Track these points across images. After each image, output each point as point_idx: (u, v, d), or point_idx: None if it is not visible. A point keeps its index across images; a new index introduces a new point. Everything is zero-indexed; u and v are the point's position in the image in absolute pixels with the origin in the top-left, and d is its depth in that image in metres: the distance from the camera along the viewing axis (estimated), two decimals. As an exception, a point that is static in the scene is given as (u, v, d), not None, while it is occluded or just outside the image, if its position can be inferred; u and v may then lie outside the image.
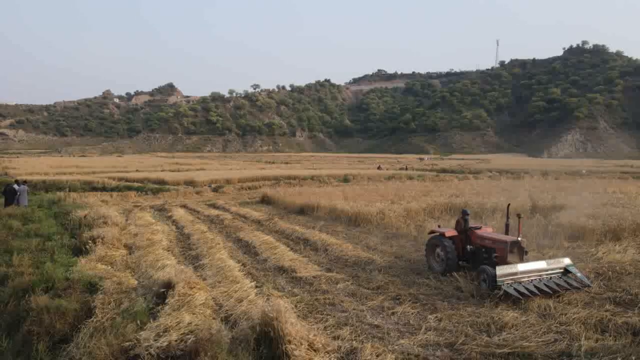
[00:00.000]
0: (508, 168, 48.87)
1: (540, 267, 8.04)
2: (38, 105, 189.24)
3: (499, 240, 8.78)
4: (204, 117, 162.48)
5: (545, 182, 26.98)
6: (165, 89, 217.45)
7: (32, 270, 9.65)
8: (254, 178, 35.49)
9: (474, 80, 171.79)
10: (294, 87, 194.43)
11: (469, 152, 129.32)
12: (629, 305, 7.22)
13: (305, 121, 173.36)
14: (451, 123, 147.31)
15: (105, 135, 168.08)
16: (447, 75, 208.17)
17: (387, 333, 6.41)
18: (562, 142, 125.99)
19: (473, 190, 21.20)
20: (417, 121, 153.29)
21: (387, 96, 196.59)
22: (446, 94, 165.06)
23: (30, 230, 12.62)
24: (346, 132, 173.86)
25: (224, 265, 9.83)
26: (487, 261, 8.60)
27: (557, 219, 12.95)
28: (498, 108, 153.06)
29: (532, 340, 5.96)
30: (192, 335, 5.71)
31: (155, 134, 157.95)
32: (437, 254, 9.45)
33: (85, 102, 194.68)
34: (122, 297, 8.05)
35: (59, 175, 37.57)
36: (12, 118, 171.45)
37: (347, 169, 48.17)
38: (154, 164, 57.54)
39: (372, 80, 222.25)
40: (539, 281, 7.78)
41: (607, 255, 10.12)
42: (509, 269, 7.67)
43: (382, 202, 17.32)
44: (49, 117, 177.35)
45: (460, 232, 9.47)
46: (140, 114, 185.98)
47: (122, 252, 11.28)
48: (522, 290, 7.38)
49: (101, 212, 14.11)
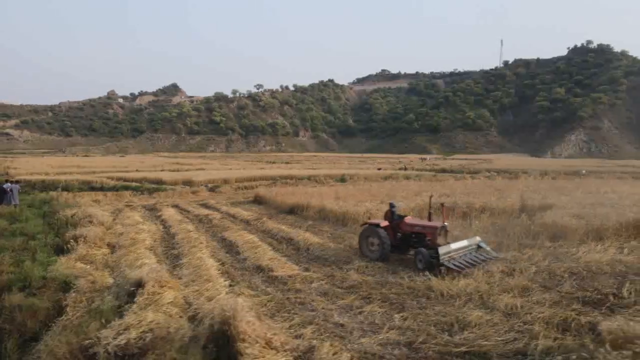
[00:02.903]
0: (508, 168, 48.73)
1: (464, 244, 9.77)
2: (43, 106, 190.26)
3: (430, 226, 10.20)
4: (208, 117, 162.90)
5: (540, 182, 26.87)
6: (169, 89, 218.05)
7: (12, 269, 9.76)
8: (252, 178, 35.54)
9: (478, 80, 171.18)
10: (298, 87, 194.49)
11: (472, 152, 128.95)
12: (597, 305, 7.19)
13: (309, 121, 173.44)
14: (454, 123, 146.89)
15: (109, 135, 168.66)
16: (450, 75, 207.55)
17: (350, 332, 6.43)
18: (566, 142, 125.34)
19: (466, 190, 21.15)
20: (420, 121, 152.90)
21: (391, 96, 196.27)
22: (449, 94, 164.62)
23: (16, 230, 12.71)
24: (349, 132, 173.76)
25: (202, 264, 9.88)
26: (417, 245, 10.02)
27: (541, 219, 12.91)
28: (501, 108, 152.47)
29: (492, 340, 5.96)
30: (150, 333, 5.77)
31: (159, 134, 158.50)
32: (370, 243, 10.51)
33: (90, 103, 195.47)
34: (94, 296, 8.11)
35: (59, 175, 37.75)
36: (17, 118, 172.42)
37: (346, 169, 48.15)
38: (155, 164, 57.72)
39: (376, 80, 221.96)
40: (465, 255, 9.50)
41: (587, 254, 10.05)
42: (447, 249, 9.24)
43: (372, 202, 17.33)
44: (53, 118, 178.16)
45: (390, 222, 10.65)
46: (144, 114, 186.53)
47: (104, 251, 11.37)
48: (458, 264, 9.05)
49: (88, 211, 14.20)
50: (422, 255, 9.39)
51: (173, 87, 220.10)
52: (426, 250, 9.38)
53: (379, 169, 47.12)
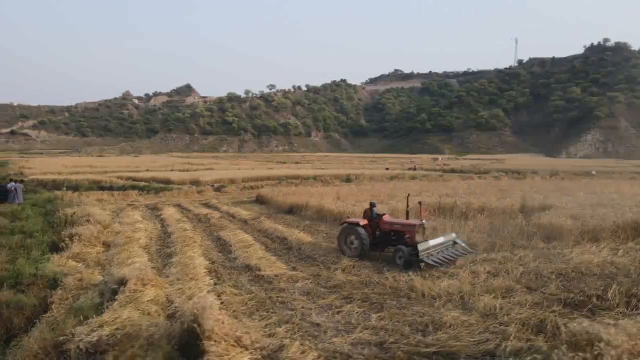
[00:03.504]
0: (519, 168, 48.13)
1: (441, 241, 10.11)
2: (60, 107, 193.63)
3: (409, 224, 10.50)
4: (220, 118, 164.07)
5: (546, 183, 26.51)
6: (182, 89, 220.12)
7: (6, 266, 9.97)
8: (258, 178, 35.70)
9: (491, 80, 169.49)
10: (310, 87, 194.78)
11: (486, 152, 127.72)
12: (578, 307, 7.09)
13: (321, 121, 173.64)
14: (467, 123, 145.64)
15: (124, 135, 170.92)
16: (464, 75, 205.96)
17: (325, 331, 6.43)
18: (582, 142, 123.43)
19: (468, 190, 20.97)
20: (433, 121, 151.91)
21: (403, 96, 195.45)
22: (463, 93, 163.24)
23: (15, 228, 12.97)
24: (362, 132, 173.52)
25: (191, 263, 9.97)
26: (396, 243, 10.30)
27: (537, 219, 12.74)
28: (516, 107, 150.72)
29: (464, 340, 5.91)
30: (122, 330, 5.85)
31: (173, 134, 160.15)
32: (350, 241, 10.71)
33: (106, 103, 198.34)
34: (80, 294, 8.24)
35: (71, 174, 38.38)
36: (35, 119, 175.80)
37: (355, 169, 48.04)
38: (166, 164, 58.30)
39: (389, 80, 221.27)
40: (442, 251, 9.83)
41: (579, 256, 9.91)
42: (426, 245, 9.53)
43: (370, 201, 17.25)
44: (70, 118, 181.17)
45: (369, 221, 10.87)
46: (158, 114, 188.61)
47: (98, 249, 11.54)
48: (436, 260, 9.40)
49: (87, 210, 14.42)
50: (402, 252, 9.71)
51: (186, 88, 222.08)
52: (406, 248, 9.72)
53: (387, 169, 46.97)
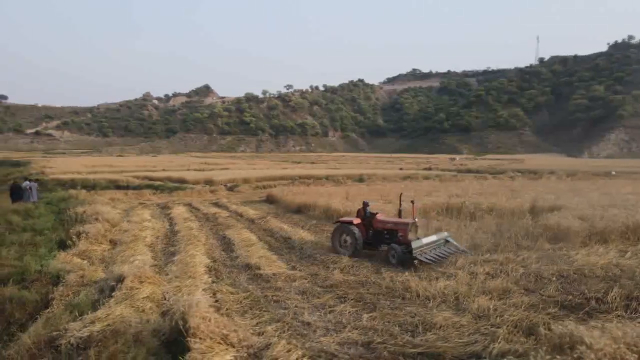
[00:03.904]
0: (537, 168, 47.29)
1: (434, 239, 10.26)
2: (82, 107, 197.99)
3: (401, 222, 10.62)
4: (238, 118, 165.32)
5: (562, 183, 25.99)
6: (201, 90, 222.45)
7: (15, 263, 10.24)
8: (272, 177, 35.89)
9: (511, 78, 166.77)
10: (327, 87, 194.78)
11: (505, 152, 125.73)
12: (574, 309, 6.94)
13: (338, 121, 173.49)
14: (486, 122, 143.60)
15: (144, 135, 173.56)
16: (483, 74, 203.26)
17: (314, 331, 6.44)
18: (605, 142, 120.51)
19: (480, 191, 20.70)
20: (451, 121, 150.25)
21: (421, 95, 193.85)
22: (482, 92, 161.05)
23: (27, 225, 13.31)
24: (379, 132, 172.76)
25: (192, 261, 10.08)
26: (389, 241, 10.41)
27: (544, 220, 12.51)
28: (536, 106, 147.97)
29: (452, 342, 5.85)
30: (112, 326, 5.95)
31: (191, 134, 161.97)
32: (343, 240, 10.84)
33: (126, 104, 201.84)
34: (81, 290, 8.42)
35: (90, 174, 39.12)
36: (59, 120, 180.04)
37: (370, 169, 47.87)
38: (183, 164, 58.99)
39: (406, 80, 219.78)
40: (435, 249, 9.96)
41: (584, 257, 9.68)
42: (419, 243, 9.67)
43: (379, 201, 17.20)
44: (92, 119, 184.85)
45: (362, 220, 11.02)
46: (177, 115, 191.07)
47: (105, 247, 11.75)
48: (429, 257, 9.51)
49: (96, 209, 14.71)
50: (395, 250, 9.87)
51: (205, 88, 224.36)
52: (399, 246, 9.91)
53: (400, 169, 46.70)
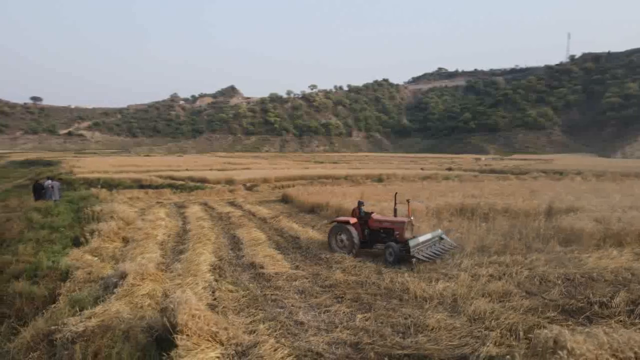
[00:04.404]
0: (564, 169, 45.94)
1: (429, 237, 10.36)
2: (113, 108, 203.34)
3: (398, 221, 10.77)
4: (263, 118, 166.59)
5: (586, 184, 25.21)
6: (227, 91, 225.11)
7: (29, 259, 10.61)
8: (291, 177, 36.00)
9: (540, 77, 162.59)
10: (351, 87, 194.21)
11: (533, 152, 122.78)
12: (575, 314, 6.75)
13: (362, 121, 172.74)
14: (514, 122, 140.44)
15: (171, 135, 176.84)
16: (511, 72, 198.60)
17: (306, 330, 6.45)
18: (639, 142, 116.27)
19: (498, 191, 20.29)
20: (477, 120, 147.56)
21: (447, 95, 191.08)
22: (509, 91, 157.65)
23: (46, 223, 13.76)
24: (404, 132, 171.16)
25: (198, 259, 10.22)
26: (386, 240, 10.55)
27: (557, 222, 12.18)
28: (566, 105, 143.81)
29: (442, 344, 5.78)
30: (107, 322, 6.10)
31: (217, 134, 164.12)
32: (340, 239, 10.99)
33: (155, 105, 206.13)
34: (87, 286, 8.66)
35: (116, 173, 40.09)
36: (90, 120, 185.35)
37: (391, 169, 47.48)
38: (206, 163, 59.76)
39: (432, 79, 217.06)
40: (430, 247, 10.11)
41: (596, 261, 9.41)
42: (416, 241, 9.74)
43: (391, 202, 17.06)
44: (122, 119, 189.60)
45: (359, 219, 11.17)
46: (203, 115, 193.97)
47: (117, 244, 12.03)
48: (426, 255, 9.67)
49: (112, 207, 15.08)
50: (392, 249, 10.00)
51: (231, 89, 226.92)
52: (396, 244, 10.06)
53: (421, 169, 46.20)
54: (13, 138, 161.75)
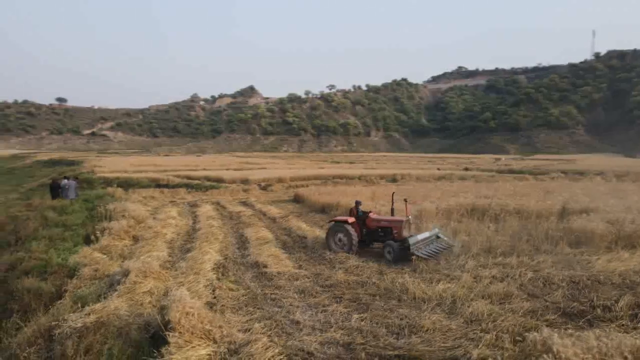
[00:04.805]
0: (586, 169, 44.90)
1: (427, 235, 10.64)
2: (134, 109, 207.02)
3: (396, 220, 10.98)
4: (281, 118, 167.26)
5: (604, 185, 24.57)
6: (246, 91, 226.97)
7: (41, 256, 10.88)
8: (306, 177, 36.05)
9: (564, 75, 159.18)
10: (370, 87, 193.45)
11: (556, 152, 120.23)
12: (575, 317, 6.61)
13: (381, 121, 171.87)
14: (535, 121, 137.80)
15: (191, 135, 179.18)
16: (534, 70, 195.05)
17: (301, 329, 6.46)
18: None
19: (512, 192, 19.95)
20: (498, 120, 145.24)
21: (467, 94, 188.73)
22: (531, 90, 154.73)
23: (60, 221, 14.10)
24: (422, 132, 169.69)
25: (203, 258, 10.31)
26: (384, 238, 10.75)
27: (568, 223, 11.92)
28: (591, 104, 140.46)
29: (435, 346, 5.72)
30: (105, 318, 6.22)
31: (236, 134, 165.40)
32: (338, 239, 11.06)
33: (175, 106, 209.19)
34: (92, 283, 8.85)
35: (135, 173, 40.77)
36: (113, 121, 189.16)
37: (407, 169, 47.10)
38: (223, 163, 60.22)
39: (452, 78, 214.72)
40: (428, 245, 10.37)
41: (605, 263, 9.18)
42: (415, 239, 9.99)
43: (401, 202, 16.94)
44: (143, 120, 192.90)
45: (356, 218, 11.30)
46: (223, 115, 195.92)
47: (126, 242, 12.25)
48: (425, 253, 9.86)
49: (124, 206, 15.36)
50: (391, 247, 10.18)
51: (250, 89, 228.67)
52: (394, 243, 10.22)
53: (438, 169, 45.72)
54: (39, 138, 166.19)
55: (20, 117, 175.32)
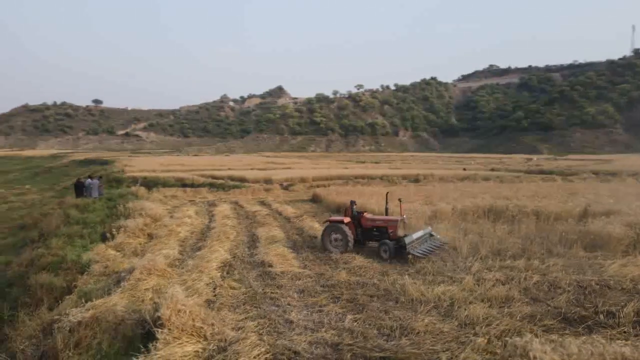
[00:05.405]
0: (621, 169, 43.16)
1: (421, 234, 10.89)
2: (166, 110, 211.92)
3: (391, 220, 11.16)
4: (309, 118, 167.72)
5: (633, 186, 23.60)
6: (274, 91, 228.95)
7: (58, 252, 11.28)
8: (328, 177, 36.05)
9: (601, 72, 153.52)
10: (399, 87, 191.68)
11: (592, 152, 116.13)
12: (575, 323, 6.39)
13: (409, 120, 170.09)
14: (570, 120, 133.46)
15: (220, 136, 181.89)
16: (569, 68, 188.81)
17: (293, 329, 6.49)
18: None
19: (533, 193, 19.43)
20: (530, 119, 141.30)
21: (499, 92, 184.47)
22: (566, 87, 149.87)
23: (80, 219, 14.59)
24: (452, 132, 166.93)
25: (211, 256, 10.46)
26: (379, 238, 10.94)
27: (587, 225, 11.52)
28: (630, 102, 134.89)
29: (423, 348, 5.65)
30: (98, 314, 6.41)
31: (264, 134, 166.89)
32: (334, 238, 11.17)
33: (205, 106, 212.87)
34: (101, 279, 9.13)
35: (163, 172, 41.72)
36: (145, 122, 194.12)
37: (432, 169, 46.48)
38: (249, 163, 60.84)
39: (483, 77, 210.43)
40: (422, 243, 10.59)
41: (618, 268, 8.82)
42: (410, 238, 10.22)
43: (417, 202, 16.80)
44: (174, 120, 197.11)
45: (352, 219, 11.46)
46: (251, 115, 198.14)
47: (141, 240, 12.56)
48: (421, 251, 10.05)
49: (142, 205, 15.75)
50: (387, 246, 10.40)
51: (278, 90, 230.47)
52: (390, 242, 10.43)
53: (464, 169, 44.90)
54: (76, 138, 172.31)
55: (59, 118, 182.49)
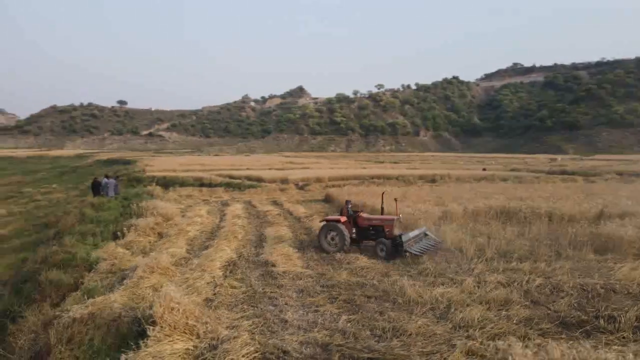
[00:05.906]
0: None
1: (416, 233, 10.98)
2: (188, 110, 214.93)
3: (387, 219, 11.42)
4: (329, 118, 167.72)
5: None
6: (295, 91, 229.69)
7: (69, 250, 11.57)
8: (344, 177, 36.00)
9: (630, 69, 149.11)
10: (420, 86, 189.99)
11: (620, 152, 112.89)
12: (573, 327, 6.24)
13: (430, 120, 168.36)
14: (597, 119, 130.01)
15: (241, 136, 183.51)
16: (597, 66, 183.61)
17: (286, 328, 6.53)
18: None
19: (550, 194, 19.02)
20: (555, 118, 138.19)
21: (523, 91, 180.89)
22: (593, 86, 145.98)
23: (95, 217, 14.92)
24: (474, 131, 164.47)
25: (217, 255, 10.58)
26: (375, 237, 11.16)
27: (598, 228, 11.22)
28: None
29: (413, 350, 5.60)
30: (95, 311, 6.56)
31: (284, 134, 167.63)
32: (331, 238, 11.29)
33: (227, 107, 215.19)
34: (107, 277, 9.33)
35: (182, 172, 42.29)
36: (168, 122, 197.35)
37: (450, 169, 45.88)
38: (268, 163, 61.12)
39: (506, 75, 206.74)
40: (418, 242, 10.67)
41: (627, 271, 8.56)
42: (407, 237, 10.33)
43: (428, 203, 16.64)
44: (196, 121, 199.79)
45: (348, 218, 11.62)
46: (272, 116, 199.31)
47: (151, 239, 12.78)
48: (417, 249, 10.21)
49: (155, 204, 16.01)
50: (383, 244, 10.59)
51: (299, 90, 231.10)
52: (387, 240, 10.60)
53: (484, 169, 44.20)
54: (102, 139, 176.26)
55: (86, 119, 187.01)
